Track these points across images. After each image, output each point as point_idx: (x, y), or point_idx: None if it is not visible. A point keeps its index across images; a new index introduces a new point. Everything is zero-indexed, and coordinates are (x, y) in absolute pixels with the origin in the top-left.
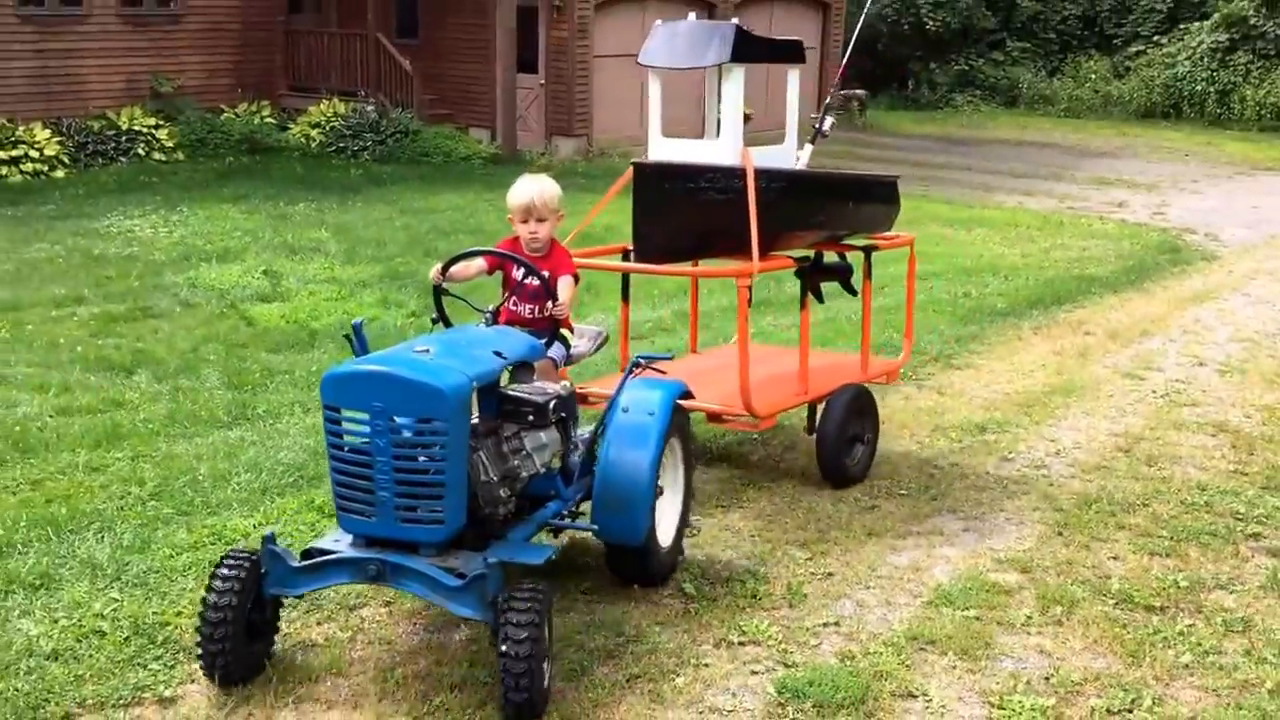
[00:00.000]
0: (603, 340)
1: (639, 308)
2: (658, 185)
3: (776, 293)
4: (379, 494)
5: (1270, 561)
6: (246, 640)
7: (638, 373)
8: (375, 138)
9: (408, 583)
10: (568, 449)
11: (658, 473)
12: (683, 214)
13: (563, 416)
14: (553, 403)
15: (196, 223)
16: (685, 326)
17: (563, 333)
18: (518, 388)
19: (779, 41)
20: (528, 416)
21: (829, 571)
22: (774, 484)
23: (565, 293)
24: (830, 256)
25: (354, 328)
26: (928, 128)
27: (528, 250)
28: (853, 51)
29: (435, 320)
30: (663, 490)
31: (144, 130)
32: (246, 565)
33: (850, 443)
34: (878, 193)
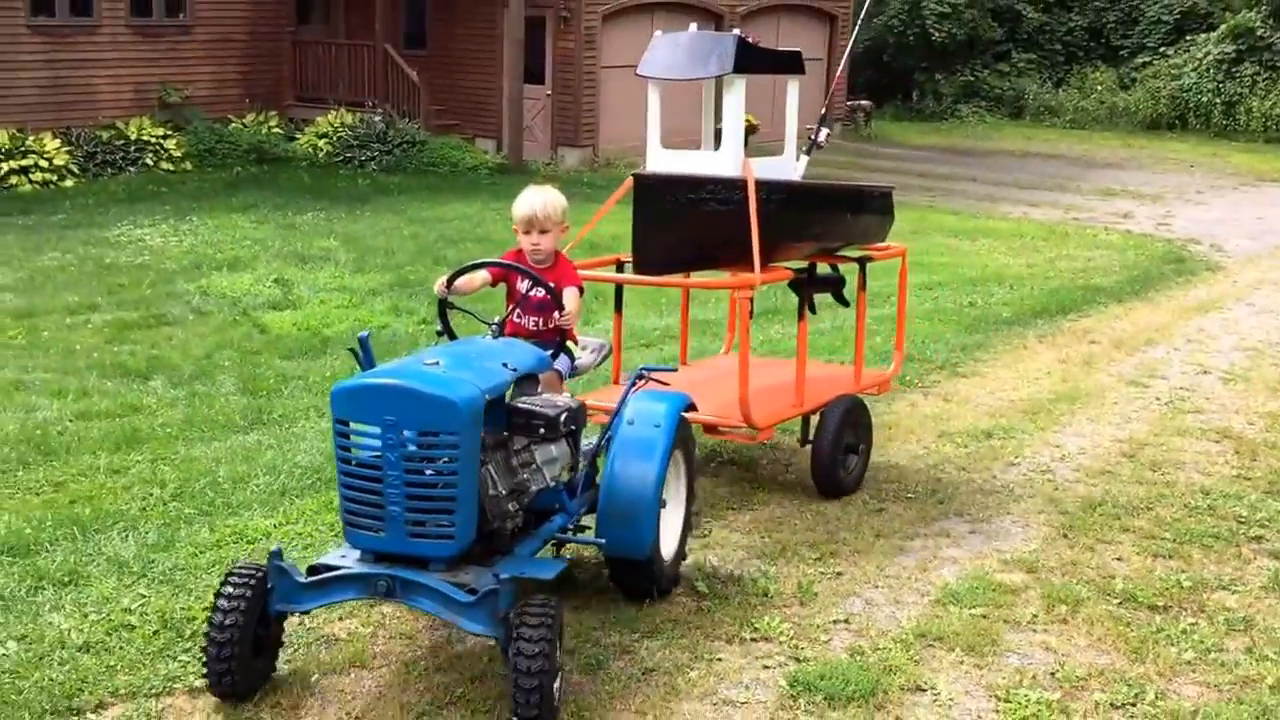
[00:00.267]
0: (606, 352)
1: (647, 315)
2: (658, 197)
3: (784, 301)
4: (389, 508)
5: (1272, 563)
6: (252, 655)
7: (640, 385)
8: (382, 148)
9: (418, 599)
10: (576, 462)
11: (663, 486)
12: (683, 226)
13: (572, 429)
14: (563, 415)
15: (206, 232)
16: (694, 334)
17: (567, 345)
18: (526, 400)
19: (779, 52)
20: (539, 429)
21: (838, 571)
22: (782, 488)
23: (572, 303)
24: (822, 268)
25: (360, 341)
26: (933, 138)
27: (530, 261)
28: (859, 62)
29: (440, 333)
30: (665, 503)
31: (152, 140)
32: (253, 581)
33: (845, 454)
34: (874, 204)
